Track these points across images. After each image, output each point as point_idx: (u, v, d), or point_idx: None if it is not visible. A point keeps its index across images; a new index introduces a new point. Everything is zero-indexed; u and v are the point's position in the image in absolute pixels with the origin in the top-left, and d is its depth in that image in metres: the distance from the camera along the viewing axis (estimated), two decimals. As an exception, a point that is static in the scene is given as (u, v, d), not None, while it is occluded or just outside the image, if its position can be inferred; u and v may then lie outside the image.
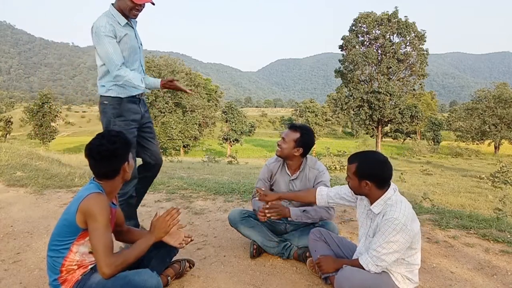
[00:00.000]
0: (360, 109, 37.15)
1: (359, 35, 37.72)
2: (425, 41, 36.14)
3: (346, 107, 38.12)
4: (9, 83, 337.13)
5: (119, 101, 2.56)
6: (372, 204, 2.04)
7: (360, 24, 37.21)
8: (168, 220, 1.98)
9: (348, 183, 2.12)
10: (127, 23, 2.57)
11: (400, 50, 36.19)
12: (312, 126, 49.45)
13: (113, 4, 2.55)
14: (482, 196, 9.84)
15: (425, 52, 36.09)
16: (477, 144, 40.18)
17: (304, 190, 2.61)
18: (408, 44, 36.50)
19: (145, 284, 1.75)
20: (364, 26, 36.97)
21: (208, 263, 2.58)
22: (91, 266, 1.83)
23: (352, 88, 37.25)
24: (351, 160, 2.07)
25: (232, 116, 47.10)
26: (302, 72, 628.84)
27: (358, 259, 2.04)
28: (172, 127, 39.95)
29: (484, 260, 2.75)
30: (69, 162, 8.64)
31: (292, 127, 2.67)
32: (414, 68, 36.42)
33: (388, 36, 36.68)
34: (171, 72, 44.29)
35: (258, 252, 2.67)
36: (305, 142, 2.62)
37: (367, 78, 37.63)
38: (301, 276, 2.42)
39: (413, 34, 35.99)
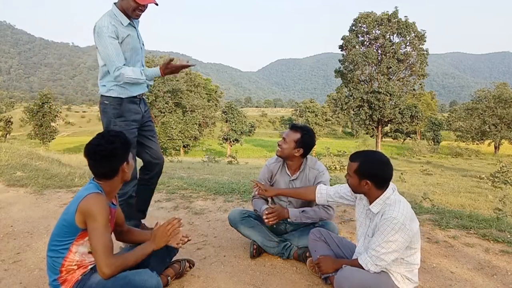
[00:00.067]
0: (360, 109, 37.14)
1: (359, 35, 37.72)
2: (425, 41, 36.14)
3: (346, 107, 38.12)
4: (9, 83, 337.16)
5: (120, 101, 2.56)
6: (371, 203, 2.04)
7: (360, 24, 37.20)
8: (169, 230, 2.00)
9: (347, 181, 2.11)
10: (130, 23, 2.56)
11: (400, 50, 36.18)
12: (312, 126, 49.49)
13: (115, 3, 2.53)
14: (482, 196, 9.83)
15: (425, 52, 36.08)
16: (477, 144, 40.17)
17: (304, 187, 2.61)
18: (408, 44, 36.49)
19: (145, 284, 1.75)
20: (364, 26, 36.96)
21: (208, 263, 2.58)
22: (91, 266, 1.83)
23: (352, 88, 37.24)
24: (353, 158, 2.06)
25: (232, 116, 47.10)
26: (302, 72, 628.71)
27: (357, 259, 2.04)
28: (172, 127, 39.96)
29: (484, 260, 2.75)
30: (69, 162, 8.64)
31: (293, 128, 2.67)
32: (414, 68, 36.41)
33: (388, 36, 36.67)
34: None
35: (258, 252, 2.67)
36: (305, 142, 2.62)
37: (367, 78, 37.61)
38: (301, 276, 2.42)
39: (413, 34, 35.99)
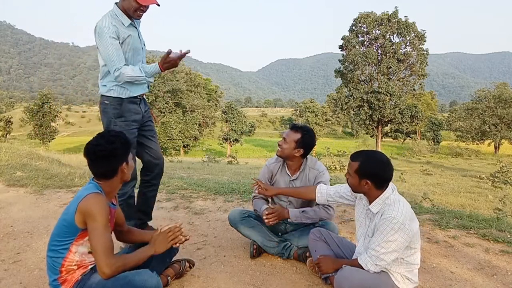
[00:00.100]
0: (360, 109, 37.14)
1: (359, 35, 37.71)
2: (425, 41, 36.13)
3: (346, 107, 38.11)
4: (9, 83, 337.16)
5: (120, 101, 2.56)
6: (371, 203, 2.04)
7: (360, 24, 37.19)
8: (169, 237, 2.00)
9: (347, 180, 2.11)
10: (131, 24, 2.55)
11: (400, 50, 36.17)
12: (312, 126, 49.49)
13: (117, 3, 2.52)
14: (482, 196, 9.83)
15: (425, 52, 36.07)
16: (477, 144, 40.17)
17: (304, 186, 2.61)
18: (408, 44, 36.47)
19: (145, 284, 1.75)
20: (364, 26, 36.95)
21: (208, 263, 2.58)
22: (91, 266, 1.83)
23: (352, 88, 37.23)
24: (353, 157, 2.06)
25: (232, 116, 47.10)
26: (302, 72, 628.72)
27: (357, 259, 2.04)
28: (172, 127, 39.95)
29: (484, 260, 2.75)
30: (69, 162, 8.63)
31: (293, 128, 2.66)
32: (414, 68, 36.40)
33: (388, 36, 36.66)
34: (171, 72, 44.26)
35: (258, 252, 2.67)
36: (306, 143, 2.62)
37: (367, 78, 37.61)
38: (301, 276, 2.42)
39: (413, 34, 35.98)
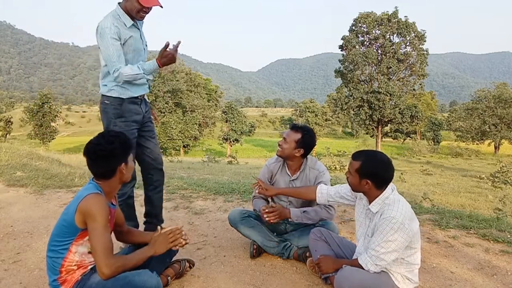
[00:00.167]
0: (360, 109, 37.14)
1: (359, 35, 37.71)
2: (425, 41, 36.13)
3: (346, 107, 38.11)
4: (9, 83, 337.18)
5: (121, 101, 2.55)
6: (371, 203, 2.04)
7: (360, 24, 37.19)
8: (170, 238, 2.00)
9: (347, 179, 2.11)
10: (133, 25, 2.54)
11: (400, 50, 36.17)
12: (312, 126, 49.49)
13: (120, 4, 2.52)
14: (482, 196, 9.83)
15: (425, 52, 36.07)
16: (477, 144, 40.18)
17: (305, 186, 2.61)
18: (408, 44, 36.47)
19: (145, 285, 1.75)
20: (364, 26, 36.95)
21: (208, 263, 2.58)
22: (91, 267, 1.83)
23: (352, 88, 37.23)
24: (355, 156, 2.06)
25: (232, 116, 47.10)
26: (302, 72, 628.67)
27: (357, 259, 2.04)
28: (172, 127, 39.94)
29: (484, 260, 2.75)
30: (69, 162, 8.63)
31: (293, 128, 2.66)
32: (414, 68, 36.40)
33: (388, 36, 36.66)
34: (171, 72, 44.28)
35: (258, 252, 2.67)
36: (306, 143, 2.61)
37: (367, 78, 37.61)
38: (301, 276, 2.42)
39: (413, 34, 35.98)
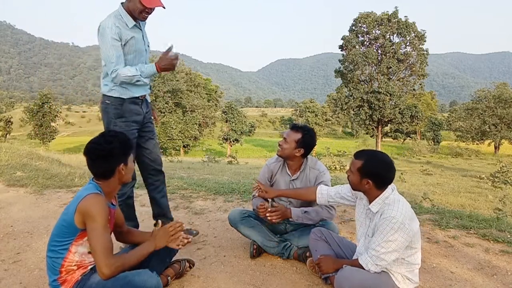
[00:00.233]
0: (360, 109, 37.13)
1: (359, 35, 37.70)
2: (425, 41, 36.12)
3: (346, 107, 38.10)
4: (9, 83, 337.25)
5: (121, 101, 2.55)
6: (371, 203, 2.04)
7: (360, 24, 37.18)
8: (170, 232, 1.99)
9: (348, 177, 2.10)
10: (135, 25, 2.53)
11: (400, 50, 36.15)
12: (312, 126, 49.39)
13: (122, 4, 2.51)
14: (482, 196, 9.82)
15: (425, 52, 36.06)
16: (477, 144, 40.16)
17: (305, 187, 2.61)
18: (408, 44, 36.46)
19: (145, 285, 1.75)
20: (364, 26, 36.94)
21: (208, 263, 2.58)
22: (91, 267, 1.83)
23: (352, 88, 37.23)
24: (357, 156, 2.05)
25: (232, 116, 47.09)
26: (302, 72, 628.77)
27: (357, 259, 2.04)
28: (172, 127, 39.95)
29: (484, 260, 2.75)
30: (69, 162, 8.63)
31: (294, 128, 2.66)
32: (414, 68, 36.39)
33: (388, 36, 36.65)
34: (171, 72, 44.31)
35: (258, 252, 2.67)
36: (306, 143, 2.61)
37: (367, 78, 37.60)
38: (301, 276, 2.42)
39: (413, 34, 35.96)
